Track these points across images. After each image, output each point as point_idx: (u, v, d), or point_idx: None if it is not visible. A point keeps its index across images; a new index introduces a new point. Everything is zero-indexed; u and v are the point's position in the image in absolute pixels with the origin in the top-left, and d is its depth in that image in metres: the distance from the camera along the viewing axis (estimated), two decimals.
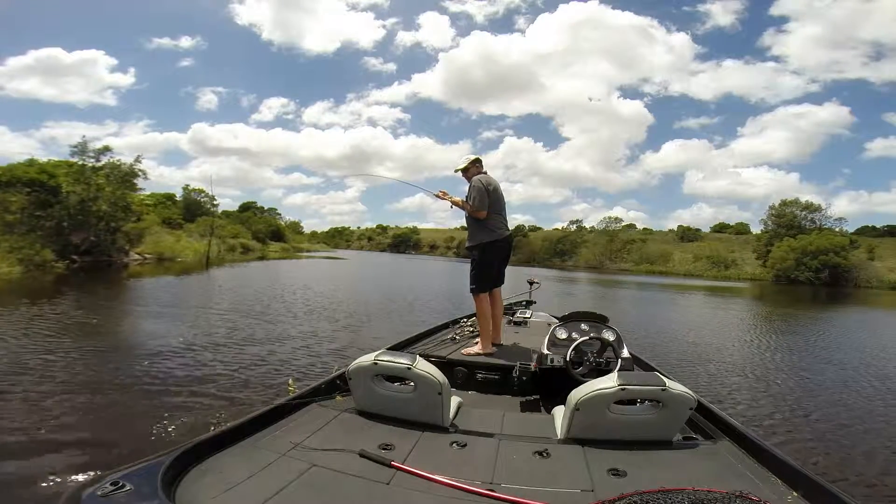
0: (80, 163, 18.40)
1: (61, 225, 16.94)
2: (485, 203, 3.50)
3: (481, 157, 3.78)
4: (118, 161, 19.63)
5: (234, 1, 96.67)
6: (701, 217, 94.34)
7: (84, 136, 19.20)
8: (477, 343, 3.50)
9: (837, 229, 45.39)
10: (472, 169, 3.73)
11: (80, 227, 17.36)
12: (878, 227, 52.06)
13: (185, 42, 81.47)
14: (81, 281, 13.28)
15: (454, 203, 3.63)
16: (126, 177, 19.63)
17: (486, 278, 3.58)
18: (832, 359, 7.62)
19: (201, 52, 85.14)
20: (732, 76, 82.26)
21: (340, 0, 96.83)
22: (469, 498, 1.45)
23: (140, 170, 20.32)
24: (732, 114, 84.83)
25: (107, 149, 19.37)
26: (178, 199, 40.45)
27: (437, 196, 3.72)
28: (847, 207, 79.37)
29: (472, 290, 3.55)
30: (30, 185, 16.65)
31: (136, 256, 20.99)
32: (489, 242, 3.57)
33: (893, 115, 71.56)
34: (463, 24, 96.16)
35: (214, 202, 40.78)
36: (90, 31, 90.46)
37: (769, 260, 43.11)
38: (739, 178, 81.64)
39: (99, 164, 18.87)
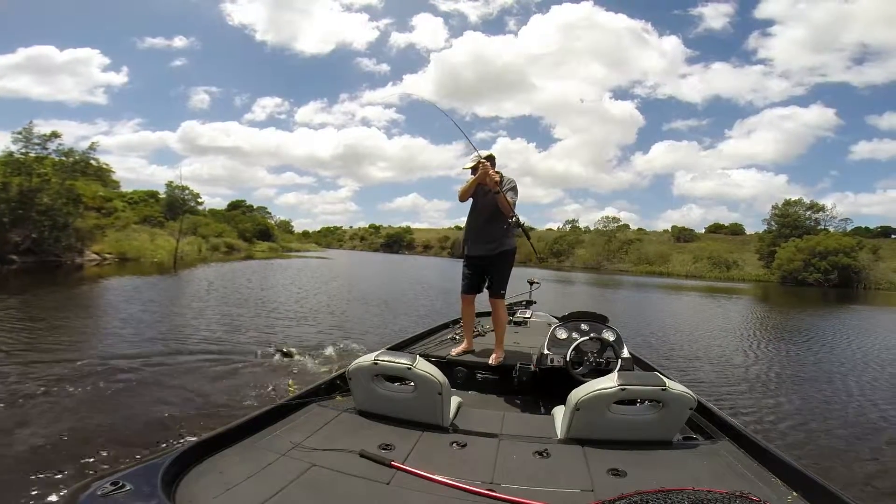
0: (24, 151, 16.40)
1: (1, 220, 15.04)
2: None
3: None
4: (69, 149, 17.61)
5: (228, 1, 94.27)
6: (691, 218, 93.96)
7: (31, 122, 17.03)
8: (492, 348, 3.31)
9: (840, 230, 44.37)
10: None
11: (22, 223, 15.42)
12: (871, 227, 50.88)
13: (179, 42, 79.93)
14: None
15: (502, 202, 3.12)
16: (76, 165, 17.62)
17: None
18: (846, 360, 7.34)
19: (195, 51, 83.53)
20: (720, 79, 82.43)
21: (335, 1, 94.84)
22: (469, 498, 1.43)
23: (94, 159, 18.36)
24: (720, 116, 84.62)
25: (55, 135, 17.34)
26: (161, 195, 38.51)
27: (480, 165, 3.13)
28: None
29: (502, 295, 3.31)
30: None
31: (94, 256, 18.82)
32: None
33: (876, 117, 71.95)
34: (456, 24, 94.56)
35: (199, 200, 39.09)
36: (84, 30, 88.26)
37: (775, 261, 41.89)
38: (728, 180, 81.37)
39: (45, 153, 16.86)
